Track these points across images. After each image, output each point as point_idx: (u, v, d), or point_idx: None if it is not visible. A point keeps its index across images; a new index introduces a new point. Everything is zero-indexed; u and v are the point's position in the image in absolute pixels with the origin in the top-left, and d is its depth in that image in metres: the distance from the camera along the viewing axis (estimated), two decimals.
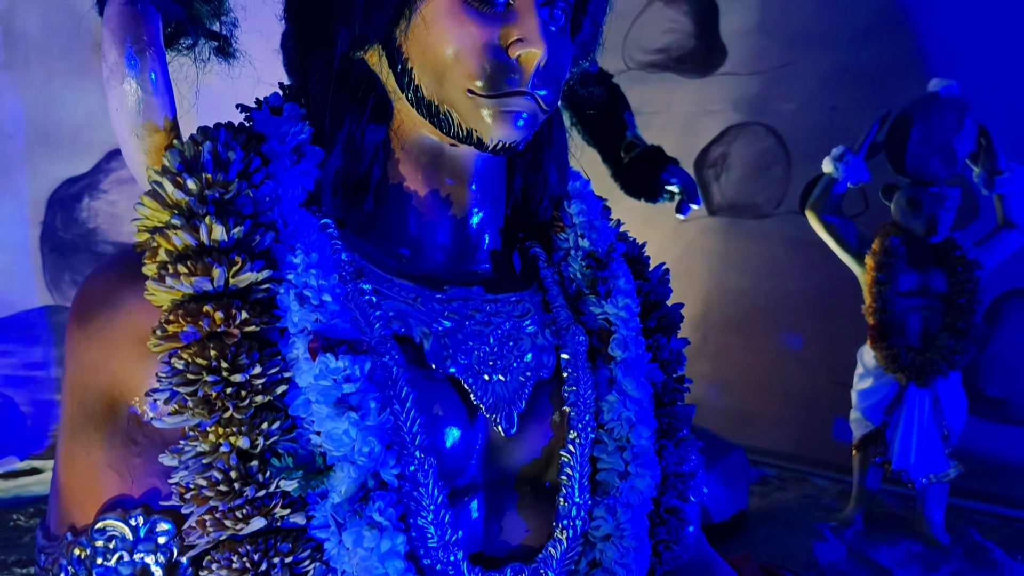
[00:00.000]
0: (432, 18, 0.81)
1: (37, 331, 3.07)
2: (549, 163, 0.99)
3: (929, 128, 2.80)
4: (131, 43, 0.79)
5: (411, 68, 0.84)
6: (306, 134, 0.86)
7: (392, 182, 0.89)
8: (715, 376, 4.22)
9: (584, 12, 0.95)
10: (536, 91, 0.83)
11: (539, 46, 0.81)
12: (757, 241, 4.08)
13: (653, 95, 4.40)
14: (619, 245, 1.02)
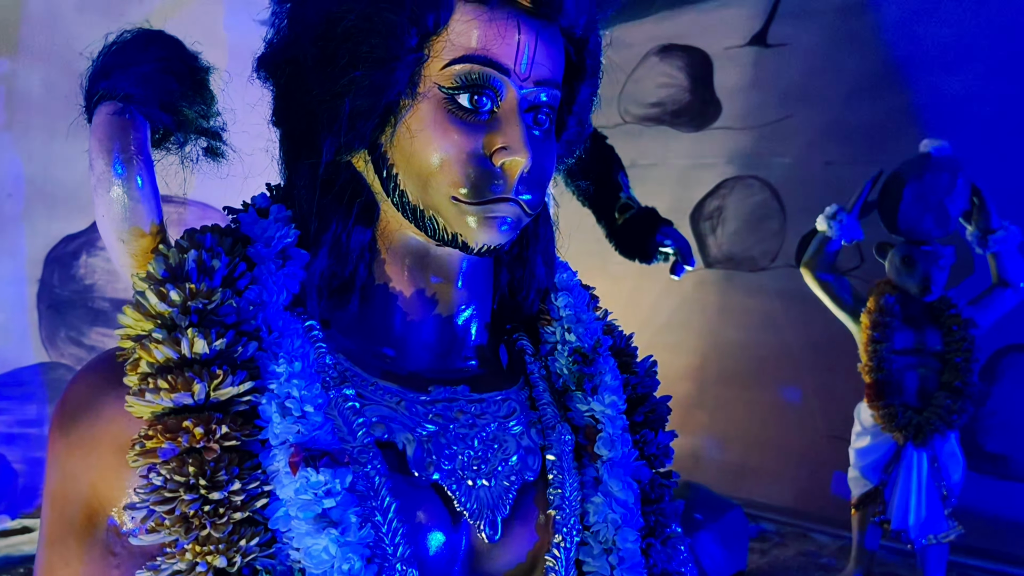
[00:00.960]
0: (417, 127, 0.82)
1: (32, 388, 3.06)
2: (536, 257, 0.99)
3: (922, 188, 2.82)
4: (118, 152, 0.80)
5: (396, 174, 0.85)
6: (292, 237, 0.86)
7: (378, 282, 0.89)
8: (713, 429, 4.20)
9: (569, 112, 0.96)
10: (520, 196, 0.83)
11: (522, 154, 0.81)
12: (754, 294, 4.09)
13: (649, 148, 4.45)
14: (605, 339, 1.02)
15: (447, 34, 0.81)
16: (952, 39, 3.48)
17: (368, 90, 0.80)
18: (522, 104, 0.84)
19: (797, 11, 3.93)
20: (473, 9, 0.81)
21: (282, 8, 0.87)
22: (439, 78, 0.82)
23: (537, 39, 0.84)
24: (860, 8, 3.72)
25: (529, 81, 0.84)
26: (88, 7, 3.12)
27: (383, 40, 0.79)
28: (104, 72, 0.83)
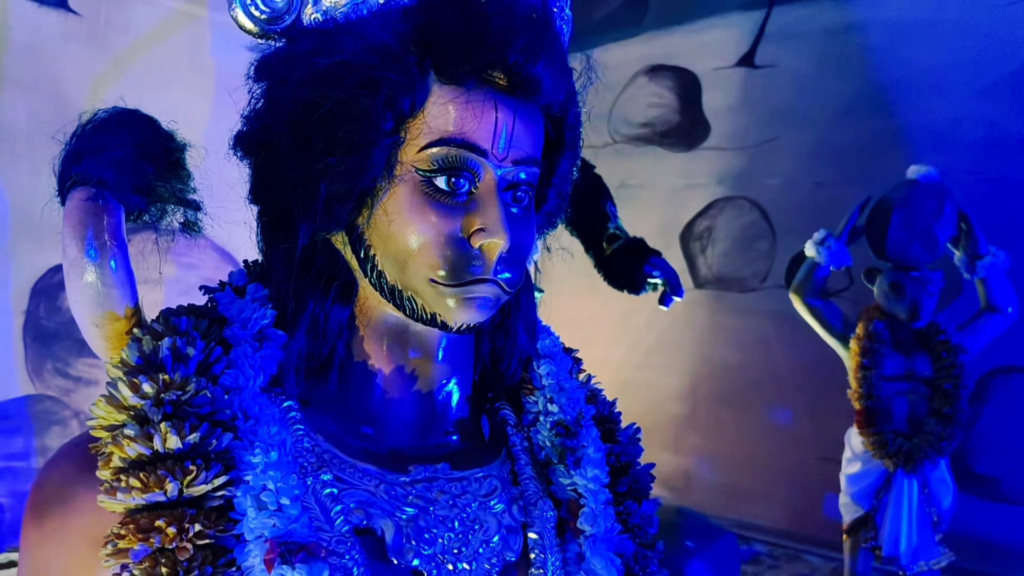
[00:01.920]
0: (395, 210, 0.81)
1: (18, 421, 3.04)
2: (518, 326, 0.99)
3: (909, 215, 2.82)
4: (92, 237, 0.79)
5: (374, 255, 0.84)
6: (269, 318, 0.85)
7: (357, 359, 0.89)
8: (705, 449, 4.20)
9: (548, 184, 0.95)
10: (499, 276, 0.83)
11: (501, 236, 0.81)
12: (744, 315, 4.09)
13: (638, 168, 4.45)
14: (588, 408, 1.01)
15: (423, 116, 0.81)
16: (938, 62, 3.49)
17: (344, 175, 0.79)
18: (500, 184, 0.83)
19: (784, 33, 3.94)
20: (450, 91, 0.81)
21: (258, 85, 0.87)
22: (416, 161, 0.81)
23: (515, 118, 0.83)
24: (846, 30, 3.73)
25: (507, 160, 0.83)
26: (74, 37, 3.11)
27: (359, 125, 0.78)
28: (77, 157, 0.82)
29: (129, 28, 3.25)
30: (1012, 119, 3.33)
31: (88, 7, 3.14)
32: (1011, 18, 3.34)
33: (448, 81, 0.81)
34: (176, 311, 0.85)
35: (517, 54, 0.79)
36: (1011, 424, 3.34)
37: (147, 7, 3.30)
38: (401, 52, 0.79)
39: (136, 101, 2.97)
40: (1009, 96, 3.35)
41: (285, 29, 0.86)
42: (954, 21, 3.46)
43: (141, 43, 3.29)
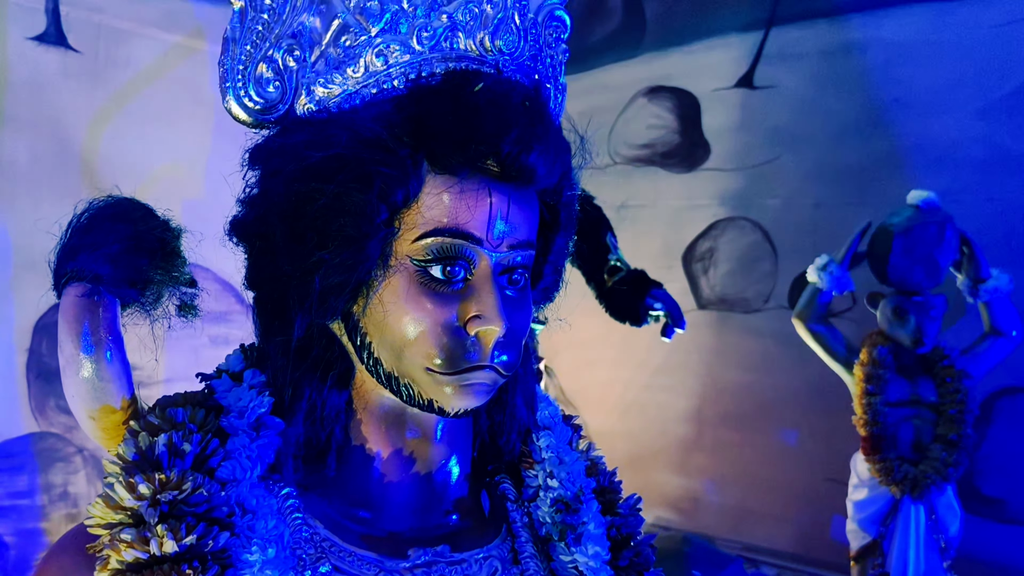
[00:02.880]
0: (390, 299, 0.81)
1: (22, 459, 3.03)
2: (516, 400, 0.98)
3: (910, 241, 2.81)
4: (87, 333, 0.79)
5: (370, 343, 0.84)
6: (266, 406, 0.85)
7: (355, 443, 0.88)
8: (712, 471, 4.18)
9: (545, 261, 0.95)
10: (496, 361, 0.83)
11: (497, 323, 0.80)
12: (749, 335, 4.08)
13: (640, 189, 4.45)
14: (588, 482, 1.01)
15: (418, 207, 0.81)
16: (937, 82, 3.49)
17: (339, 268, 0.79)
18: (496, 269, 0.83)
19: (782, 54, 3.94)
20: (443, 181, 0.81)
21: (252, 171, 0.87)
22: (411, 251, 0.81)
23: (509, 204, 0.83)
24: (845, 51, 3.73)
25: (503, 246, 0.83)
26: (73, 74, 3.12)
27: (353, 219, 0.78)
28: (72, 252, 0.82)
29: (128, 63, 3.26)
30: (1012, 139, 3.33)
31: (87, 44, 3.16)
32: (1009, 38, 3.34)
33: (442, 171, 0.81)
34: (173, 400, 0.85)
35: (510, 145, 0.79)
36: (1017, 445, 3.33)
37: (146, 42, 3.31)
38: (394, 144, 0.79)
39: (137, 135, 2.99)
40: (1008, 116, 3.34)
41: (279, 118, 0.86)
42: (952, 41, 3.46)
43: (141, 78, 3.30)
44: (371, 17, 0.83)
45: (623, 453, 4.51)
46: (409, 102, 0.82)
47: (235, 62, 0.84)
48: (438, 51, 0.83)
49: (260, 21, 0.84)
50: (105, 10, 3.19)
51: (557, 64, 1.00)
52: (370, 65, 0.83)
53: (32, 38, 3.02)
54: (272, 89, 0.85)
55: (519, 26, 0.85)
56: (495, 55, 0.84)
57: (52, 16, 3.07)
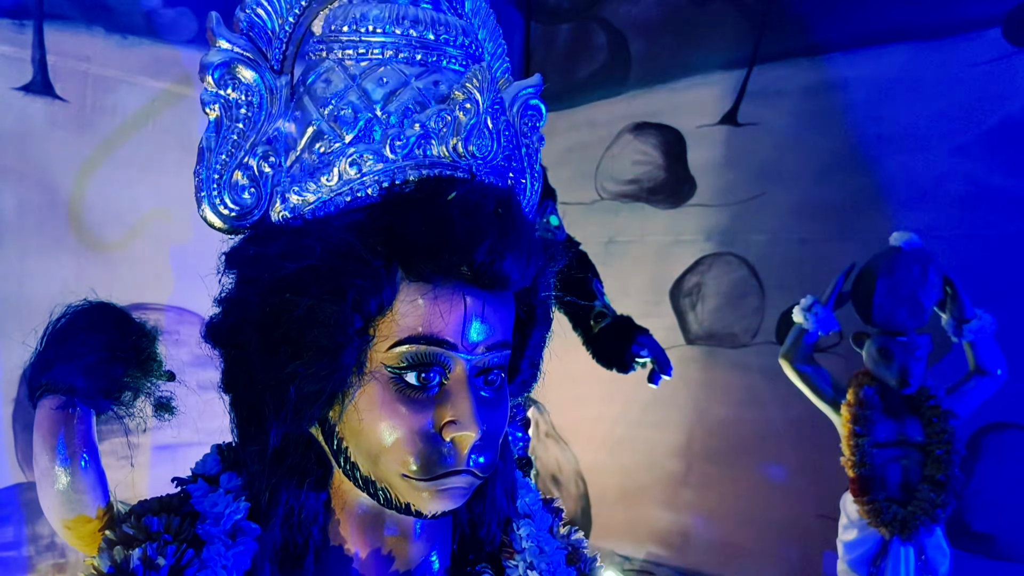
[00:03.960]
0: (365, 407, 0.82)
1: (8, 511, 3.01)
2: (496, 491, 0.99)
3: (894, 282, 2.83)
4: (63, 445, 0.80)
5: (346, 448, 0.85)
6: (242, 512, 0.86)
7: (333, 543, 0.89)
8: (701, 507, 4.17)
9: (522, 356, 0.96)
10: (473, 464, 0.83)
11: (472, 429, 0.81)
12: (736, 370, 4.08)
13: (627, 224, 4.47)
14: (569, 572, 1.01)
15: (392, 315, 0.82)
16: (917, 119, 3.53)
17: (314, 378, 0.80)
18: (471, 372, 0.84)
19: (765, 91, 3.98)
20: (418, 288, 0.82)
21: (228, 274, 0.87)
22: (386, 358, 0.82)
23: (484, 307, 0.84)
24: (826, 89, 3.77)
25: (478, 349, 0.84)
26: (60, 123, 3.13)
27: (327, 330, 0.79)
28: (47, 364, 0.83)
29: (116, 111, 3.27)
30: (991, 175, 3.36)
31: (74, 92, 3.16)
32: (987, 76, 3.38)
33: (416, 279, 0.82)
34: (148, 508, 0.85)
35: (484, 255, 0.80)
36: (1005, 481, 3.34)
37: (133, 89, 3.32)
38: (368, 255, 0.80)
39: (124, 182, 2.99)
40: (989, 152, 3.38)
41: (253, 224, 0.87)
42: (931, 79, 3.50)
43: (128, 125, 3.31)
44: (345, 124, 0.85)
45: (613, 488, 4.50)
46: (383, 211, 0.83)
47: (211, 171, 0.85)
48: (411, 159, 0.84)
49: (235, 130, 0.85)
50: (92, 59, 3.20)
51: (533, 152, 1.01)
52: (344, 173, 0.84)
53: (18, 88, 3.03)
54: (247, 196, 0.86)
55: (491, 129, 0.86)
56: (468, 160, 0.86)
57: (39, 66, 3.07)
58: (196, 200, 0.86)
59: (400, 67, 0.87)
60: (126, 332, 0.87)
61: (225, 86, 0.85)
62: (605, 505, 4.52)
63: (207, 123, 0.86)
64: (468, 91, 0.84)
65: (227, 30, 0.86)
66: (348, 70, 0.87)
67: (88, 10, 3.20)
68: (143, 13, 3.34)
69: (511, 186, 0.92)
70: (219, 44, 0.84)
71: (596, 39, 4.65)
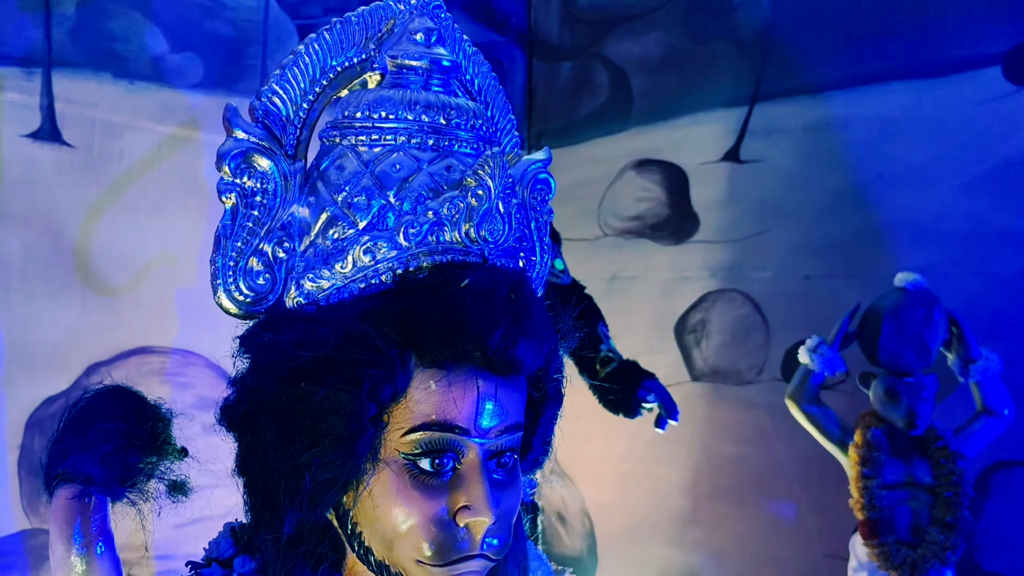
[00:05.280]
0: (380, 493, 0.83)
1: (13, 558, 3.00)
2: (508, 566, 0.99)
3: (899, 323, 2.84)
4: (79, 534, 0.80)
5: (360, 533, 0.85)
6: None
7: None
8: (709, 545, 4.15)
9: (534, 434, 0.96)
10: (486, 548, 0.84)
11: (486, 514, 0.82)
12: (742, 407, 4.07)
13: (630, 260, 4.48)
14: None
15: (406, 401, 0.82)
16: (919, 158, 3.55)
17: (329, 466, 0.81)
18: (484, 455, 0.84)
19: (767, 129, 4.01)
20: (431, 374, 0.82)
21: (242, 357, 0.88)
22: (400, 445, 0.82)
23: (497, 391, 0.85)
24: (828, 127, 3.80)
25: (491, 433, 0.84)
26: (67, 169, 3.15)
27: (342, 419, 0.79)
28: (63, 454, 0.83)
29: (123, 156, 3.30)
30: (995, 213, 3.37)
31: (81, 139, 3.19)
32: (988, 114, 3.40)
33: (429, 365, 0.82)
34: None
35: (497, 343, 0.81)
36: (1015, 519, 3.32)
37: (140, 134, 3.35)
38: (382, 343, 0.80)
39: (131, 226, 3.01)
40: (991, 190, 3.39)
41: (267, 309, 0.88)
42: (932, 118, 3.52)
43: (135, 170, 3.33)
44: (358, 211, 0.86)
45: (620, 526, 4.47)
46: (397, 298, 0.83)
47: (226, 258, 0.86)
48: (424, 245, 0.85)
49: (251, 217, 0.87)
50: (99, 105, 3.23)
51: (542, 225, 1.02)
52: (358, 260, 0.85)
53: (27, 135, 3.06)
54: (262, 281, 0.87)
55: (503, 213, 0.87)
56: (480, 244, 0.87)
57: (47, 113, 3.11)
58: (212, 287, 0.87)
59: (413, 152, 0.88)
60: (142, 418, 0.88)
61: (241, 175, 0.86)
62: (611, 543, 4.49)
63: (223, 211, 0.87)
64: (480, 177, 0.85)
65: (242, 120, 0.87)
66: (361, 156, 0.88)
67: (96, 57, 3.24)
68: (150, 59, 3.38)
69: (523, 268, 0.93)
70: (235, 134, 0.86)
71: (598, 76, 4.69)
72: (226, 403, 0.88)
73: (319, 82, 0.92)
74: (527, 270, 0.96)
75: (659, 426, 2.67)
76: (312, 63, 0.91)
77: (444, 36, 0.94)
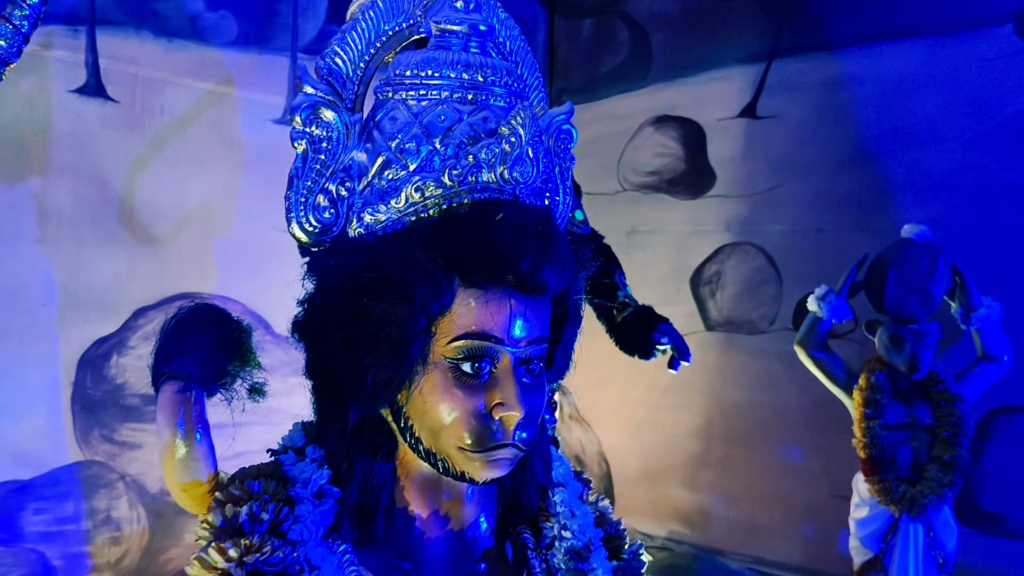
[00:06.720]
0: (429, 391, 0.98)
1: (69, 487, 3.22)
2: (534, 463, 1.15)
3: (904, 273, 2.96)
4: (182, 423, 0.97)
5: (412, 425, 1.01)
6: (325, 478, 1.03)
7: (398, 506, 1.05)
8: (720, 487, 4.33)
9: (557, 348, 1.12)
10: (517, 440, 0.99)
11: (517, 410, 0.97)
12: (754, 356, 4.22)
13: (648, 215, 4.61)
14: (597, 532, 1.17)
15: (451, 316, 0.98)
16: (931, 114, 3.64)
17: (387, 368, 0.96)
18: (515, 362, 1.00)
19: (784, 85, 4.09)
20: (472, 293, 0.98)
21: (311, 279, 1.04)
22: (445, 351, 0.98)
23: (526, 308, 1.00)
24: (843, 83, 3.88)
25: (521, 343, 1.00)
26: (111, 123, 3.31)
27: (398, 329, 0.95)
28: (168, 356, 1.00)
29: (163, 111, 3.45)
30: (1003, 168, 3.47)
31: (124, 94, 3.35)
32: (998, 71, 3.48)
33: (470, 286, 0.98)
34: (249, 473, 1.03)
35: (527, 267, 0.96)
36: (1014, 462, 3.46)
37: (179, 90, 3.50)
38: (431, 266, 0.96)
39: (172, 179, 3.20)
40: (1000, 146, 3.48)
41: (332, 239, 1.03)
42: (944, 75, 3.60)
43: (174, 124, 3.49)
44: (409, 155, 1.00)
45: (636, 469, 4.66)
46: (442, 230, 0.99)
47: (298, 196, 1.02)
48: (465, 185, 1.00)
49: (318, 161, 1.02)
50: (141, 61, 3.38)
51: (565, 171, 1.16)
52: (410, 197, 1.00)
53: (73, 91, 3.22)
54: (328, 215, 1.02)
55: (532, 157, 1.01)
56: (512, 184, 1.01)
57: (92, 69, 3.26)
58: (286, 220, 1.02)
59: (455, 105, 1.02)
60: (230, 328, 1.04)
61: (310, 124, 1.01)
62: (627, 485, 4.68)
63: (295, 155, 1.02)
64: (512, 127, 0.99)
65: (311, 77, 1.02)
66: (411, 108, 1.02)
67: (137, 15, 3.38)
68: (187, 17, 3.52)
69: (548, 205, 1.08)
70: (305, 89, 1.01)
71: (618, 34, 4.78)
72: (297, 319, 1.04)
73: (374, 44, 1.06)
74: (552, 208, 1.10)
75: (672, 367, 2.82)
76: (368, 28, 1.06)
77: (480, 3, 1.08)
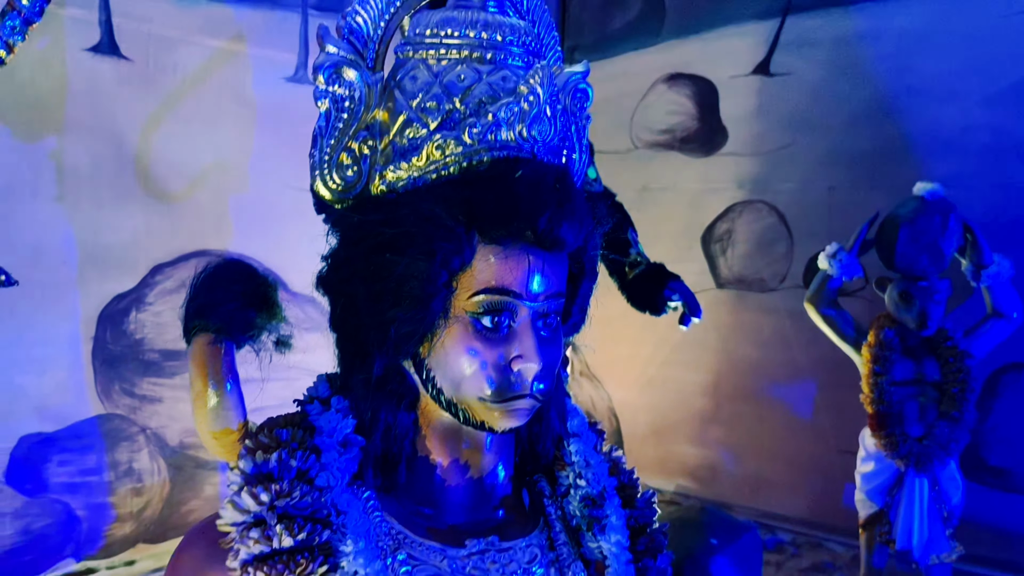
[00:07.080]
0: (450, 343, 1.02)
1: (91, 439, 3.30)
2: (550, 413, 1.19)
3: (915, 230, 2.96)
4: (212, 374, 1.01)
5: (434, 376, 1.05)
6: (350, 427, 1.07)
7: (420, 454, 1.10)
8: (729, 442, 4.39)
9: (573, 303, 1.15)
10: (535, 391, 1.03)
11: (535, 361, 1.01)
12: (764, 313, 4.25)
13: (660, 172, 4.61)
14: (611, 481, 1.21)
15: (471, 270, 1.01)
16: (946, 71, 3.61)
17: (410, 321, 1.00)
18: (533, 316, 1.03)
19: (798, 42, 4.06)
20: (491, 249, 1.01)
21: (334, 234, 1.07)
22: (466, 305, 1.01)
23: (544, 264, 1.03)
24: (857, 40, 3.85)
25: (539, 298, 1.03)
26: (127, 81, 3.33)
27: (420, 283, 0.98)
28: (199, 309, 1.04)
29: (176, 69, 3.46)
30: (1017, 126, 3.45)
31: (138, 52, 3.36)
32: (1014, 28, 3.45)
33: (490, 242, 1.01)
34: (277, 422, 1.07)
35: (545, 223, 0.98)
36: (1021, 418, 3.50)
37: (192, 48, 3.50)
38: (452, 223, 0.99)
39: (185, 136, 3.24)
40: (1015, 104, 3.46)
41: (355, 196, 1.06)
42: (960, 31, 3.57)
43: (188, 82, 3.50)
44: (430, 114, 1.03)
45: (645, 425, 4.72)
46: (462, 187, 1.01)
47: (322, 154, 1.04)
48: (485, 143, 1.02)
49: (341, 119, 1.04)
50: (153, 20, 3.38)
51: (581, 129, 1.18)
52: (431, 155, 1.02)
53: (88, 49, 3.23)
54: (351, 173, 1.05)
55: (549, 116, 1.03)
56: (530, 142, 1.03)
57: (105, 27, 3.27)
58: (310, 177, 1.05)
59: (474, 65, 1.04)
60: (257, 282, 1.08)
61: (332, 83, 1.03)
62: (637, 441, 4.74)
63: (319, 114, 1.05)
64: (531, 86, 1.01)
65: (332, 37, 1.04)
66: (431, 68, 1.04)
67: None
68: None
69: (565, 163, 1.10)
70: (328, 49, 1.03)
71: None
72: (321, 273, 1.07)
73: (393, 3, 1.08)
74: (569, 166, 1.13)
75: (683, 323, 2.85)
76: None
77: None
